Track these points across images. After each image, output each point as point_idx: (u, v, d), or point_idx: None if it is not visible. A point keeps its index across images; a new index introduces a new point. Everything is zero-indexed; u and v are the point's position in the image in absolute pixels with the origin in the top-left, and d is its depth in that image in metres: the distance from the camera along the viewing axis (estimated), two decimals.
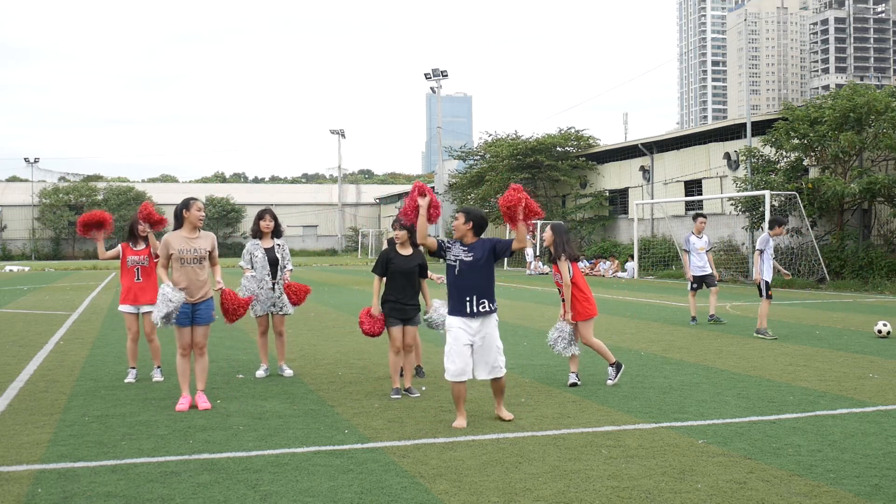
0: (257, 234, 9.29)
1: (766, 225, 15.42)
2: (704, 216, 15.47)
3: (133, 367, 9.10)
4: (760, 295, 12.55)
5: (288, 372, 9.29)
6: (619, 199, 39.92)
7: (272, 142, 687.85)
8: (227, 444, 6.13)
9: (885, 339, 11.86)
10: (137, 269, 9.04)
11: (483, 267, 6.77)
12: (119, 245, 9.16)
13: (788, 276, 13.95)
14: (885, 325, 12.08)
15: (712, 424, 6.64)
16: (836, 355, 10.37)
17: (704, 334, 12.78)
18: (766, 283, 12.42)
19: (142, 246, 9.13)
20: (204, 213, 7.78)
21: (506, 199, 6.65)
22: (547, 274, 34.56)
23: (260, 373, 9.24)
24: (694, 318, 14.54)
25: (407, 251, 8.24)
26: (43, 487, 5.11)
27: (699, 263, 14.83)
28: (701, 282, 14.78)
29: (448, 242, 6.86)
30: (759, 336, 12.26)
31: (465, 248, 6.81)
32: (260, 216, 9.31)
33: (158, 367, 9.20)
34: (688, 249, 14.99)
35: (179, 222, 7.68)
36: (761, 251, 12.48)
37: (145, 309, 8.97)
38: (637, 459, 5.60)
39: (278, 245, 9.25)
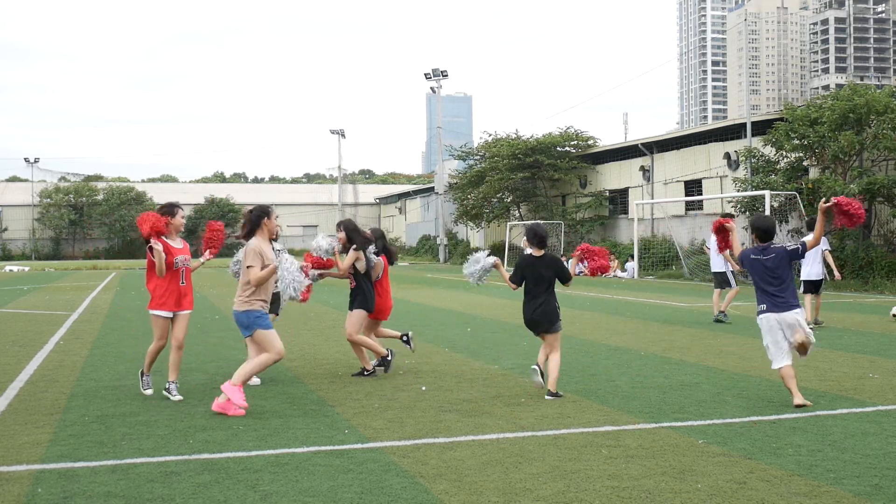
0: (252, 236, 8.46)
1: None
2: (734, 216, 15.77)
3: (148, 375, 8.27)
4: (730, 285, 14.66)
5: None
6: (619, 199, 39.94)
7: (272, 142, 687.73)
8: (227, 444, 6.12)
9: (885, 338, 11.87)
10: (182, 270, 8.04)
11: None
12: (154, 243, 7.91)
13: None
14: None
15: (712, 424, 6.64)
16: (836, 355, 10.37)
17: (704, 334, 12.79)
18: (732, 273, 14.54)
19: (180, 243, 8.15)
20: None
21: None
22: None
23: (255, 380, 8.69)
24: (721, 315, 14.55)
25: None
26: (43, 487, 5.11)
27: (720, 262, 14.96)
28: (723, 280, 14.91)
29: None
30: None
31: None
32: (261, 214, 8.44)
33: (174, 382, 8.05)
34: (711, 247, 15.15)
35: (254, 230, 7.39)
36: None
37: (184, 313, 8.15)
38: (637, 459, 5.60)
39: (278, 251, 8.62)
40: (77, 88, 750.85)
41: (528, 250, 8.25)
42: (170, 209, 8.07)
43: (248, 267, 7.23)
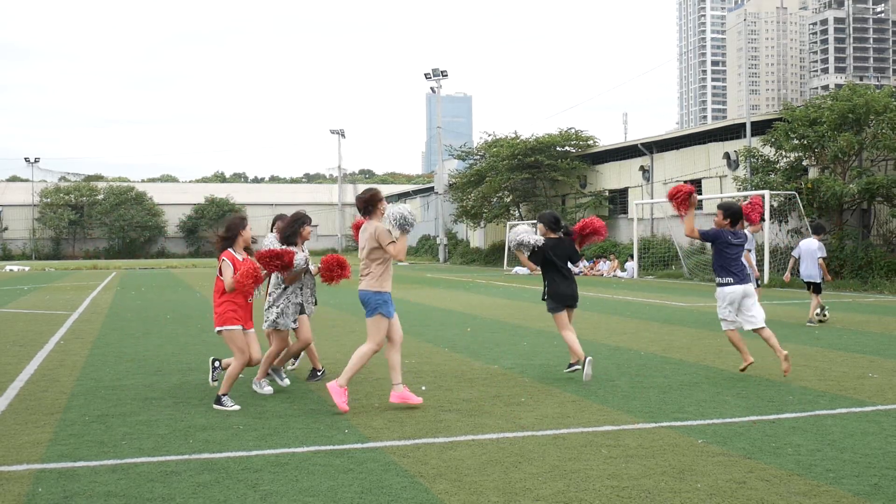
0: (292, 240, 8.23)
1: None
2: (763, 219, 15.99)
3: (227, 395, 7.54)
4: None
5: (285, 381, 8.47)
6: (618, 199, 39.94)
7: (272, 142, 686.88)
8: (227, 444, 6.13)
9: (885, 338, 11.87)
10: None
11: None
12: (224, 257, 7.51)
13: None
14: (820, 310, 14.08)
15: (712, 424, 6.64)
16: (836, 355, 10.38)
17: (704, 334, 12.79)
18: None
19: (243, 256, 7.65)
20: None
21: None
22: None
23: (268, 389, 8.18)
24: None
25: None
26: (43, 487, 5.12)
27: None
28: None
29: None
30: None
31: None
32: (302, 221, 8.29)
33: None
34: (750, 248, 15.10)
35: (369, 214, 7.45)
36: (749, 250, 14.38)
37: (251, 331, 7.65)
38: (637, 459, 5.61)
39: (305, 252, 8.41)
40: (77, 88, 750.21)
41: (529, 239, 8.80)
42: (242, 223, 7.71)
43: (389, 243, 7.18)
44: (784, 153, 26.87)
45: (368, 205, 7.40)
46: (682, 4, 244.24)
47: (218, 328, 7.52)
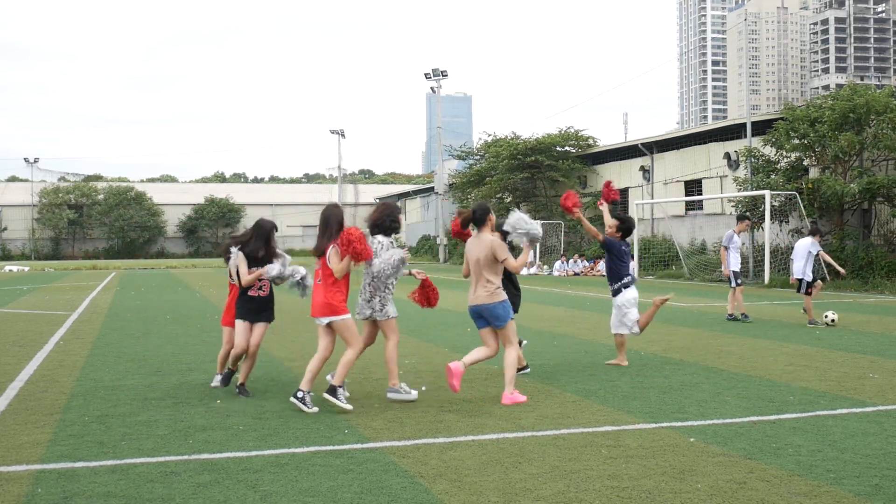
0: (394, 229, 7.76)
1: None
2: (749, 218, 16.13)
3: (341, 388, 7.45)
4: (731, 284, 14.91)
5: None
6: (618, 199, 39.93)
7: (272, 142, 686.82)
8: (227, 444, 6.12)
9: (885, 338, 11.87)
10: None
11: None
12: (332, 245, 7.30)
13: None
14: (830, 313, 13.70)
15: (712, 424, 6.64)
16: (836, 355, 10.37)
17: (704, 334, 12.79)
18: (734, 272, 14.86)
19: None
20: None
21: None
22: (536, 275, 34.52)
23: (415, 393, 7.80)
24: (733, 315, 14.86)
25: None
26: (43, 487, 5.11)
27: (739, 260, 15.28)
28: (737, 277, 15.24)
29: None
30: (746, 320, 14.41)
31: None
32: (399, 210, 7.88)
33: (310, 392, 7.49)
34: (727, 246, 15.17)
35: (481, 226, 7.69)
36: (727, 247, 14.98)
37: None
38: (637, 459, 5.60)
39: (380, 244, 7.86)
40: (77, 88, 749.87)
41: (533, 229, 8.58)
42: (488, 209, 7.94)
43: (503, 259, 7.53)
44: (785, 153, 26.87)
45: (482, 218, 7.68)
46: (682, 4, 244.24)
47: (332, 318, 7.30)
